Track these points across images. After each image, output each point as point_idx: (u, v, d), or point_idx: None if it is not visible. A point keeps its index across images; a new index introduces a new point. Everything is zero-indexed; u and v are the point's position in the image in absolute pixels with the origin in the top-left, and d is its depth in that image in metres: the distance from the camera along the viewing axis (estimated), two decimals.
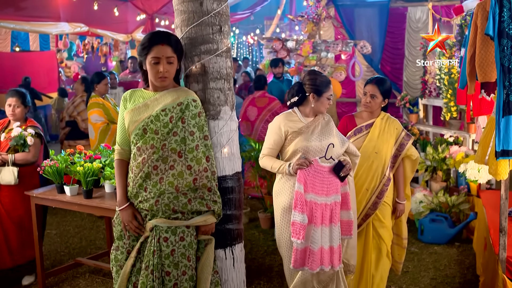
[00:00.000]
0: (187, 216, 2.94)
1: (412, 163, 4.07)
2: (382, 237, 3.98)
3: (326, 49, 7.41)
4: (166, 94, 2.95)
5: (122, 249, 3.03)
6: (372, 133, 3.92)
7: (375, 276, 4.02)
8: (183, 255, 2.94)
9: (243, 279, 3.23)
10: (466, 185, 5.95)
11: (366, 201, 3.91)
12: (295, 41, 7.57)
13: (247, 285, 4.60)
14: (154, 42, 2.85)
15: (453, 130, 6.57)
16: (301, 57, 7.49)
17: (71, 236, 6.09)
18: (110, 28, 12.01)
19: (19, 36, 13.34)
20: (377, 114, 4.02)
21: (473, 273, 4.86)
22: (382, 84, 3.94)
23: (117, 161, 3.10)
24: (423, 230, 5.73)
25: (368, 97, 3.93)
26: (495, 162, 3.90)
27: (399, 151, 3.96)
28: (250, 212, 6.63)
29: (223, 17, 3.03)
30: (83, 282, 4.83)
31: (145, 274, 2.91)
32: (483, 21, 3.90)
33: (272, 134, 3.47)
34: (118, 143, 3.12)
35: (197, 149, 2.91)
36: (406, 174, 4.09)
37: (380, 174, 3.90)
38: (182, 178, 2.90)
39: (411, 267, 5.06)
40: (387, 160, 3.91)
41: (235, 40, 20.73)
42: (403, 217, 4.14)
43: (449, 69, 6.31)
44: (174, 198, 2.90)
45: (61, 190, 4.42)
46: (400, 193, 4.04)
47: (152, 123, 2.91)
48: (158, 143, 2.90)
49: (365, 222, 3.95)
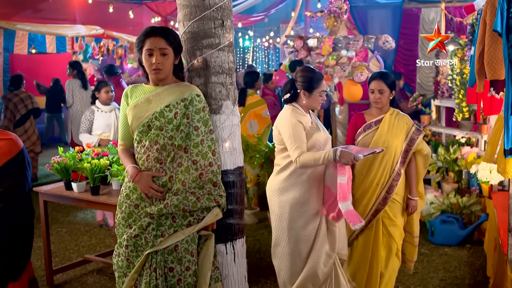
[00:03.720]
0: (197, 217, 2.92)
1: (423, 158, 4.02)
2: (392, 235, 3.96)
3: (346, 47, 6.97)
4: (168, 89, 2.95)
5: (122, 257, 2.98)
6: (381, 128, 3.92)
7: (384, 275, 4.00)
8: (187, 250, 2.93)
9: (244, 274, 3.22)
10: (478, 186, 5.87)
11: (376, 196, 3.90)
12: (316, 39, 7.24)
13: (254, 284, 4.63)
14: (148, 35, 2.88)
15: (465, 131, 6.49)
16: (321, 56, 7.19)
17: (81, 234, 6.13)
18: (126, 31, 12.10)
19: (36, 38, 13.49)
20: (386, 109, 4.01)
21: (483, 275, 4.79)
22: (387, 78, 3.94)
23: (122, 148, 3.11)
24: (434, 231, 5.66)
25: (377, 93, 3.93)
26: (504, 161, 3.84)
27: (410, 146, 3.94)
28: (260, 212, 6.61)
29: (225, 11, 3.03)
30: (91, 279, 4.85)
31: (148, 273, 2.90)
32: (492, 17, 3.86)
33: (297, 128, 3.45)
34: (121, 140, 3.11)
35: (202, 144, 2.91)
36: (418, 170, 4.05)
37: (390, 168, 3.89)
38: (189, 173, 2.90)
39: (420, 268, 5.00)
40: (397, 155, 3.91)
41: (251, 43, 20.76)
42: (415, 215, 4.09)
43: (461, 69, 6.24)
44: (184, 198, 2.88)
45: (68, 187, 4.47)
46: (412, 189, 4.01)
47: (157, 119, 2.90)
48: (162, 140, 2.89)
49: (375, 218, 3.93)
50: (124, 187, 3.04)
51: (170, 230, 2.90)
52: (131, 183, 2.97)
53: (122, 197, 3.02)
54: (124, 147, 3.10)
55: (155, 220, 2.88)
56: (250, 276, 3.40)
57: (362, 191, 3.91)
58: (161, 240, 2.89)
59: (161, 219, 2.88)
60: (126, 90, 3.05)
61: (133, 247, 2.93)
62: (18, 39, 13.09)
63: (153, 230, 2.89)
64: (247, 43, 20.00)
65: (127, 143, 3.09)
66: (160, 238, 2.90)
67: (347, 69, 6.86)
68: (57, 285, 4.72)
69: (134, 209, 2.96)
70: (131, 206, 2.97)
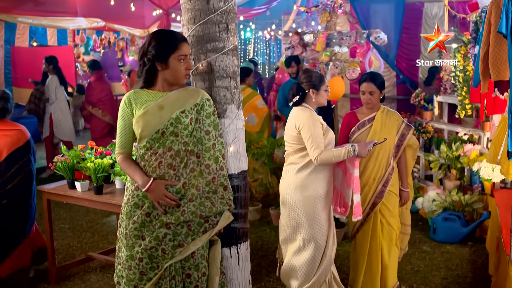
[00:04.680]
0: (211, 222, 2.90)
1: (413, 151, 4.28)
2: (392, 225, 4.16)
3: (339, 42, 6.96)
4: (179, 94, 2.89)
5: (134, 269, 2.87)
6: (375, 126, 4.10)
7: (388, 266, 4.17)
8: (203, 256, 2.94)
9: (249, 278, 3.23)
10: (480, 184, 5.88)
11: (373, 191, 4.10)
12: (312, 34, 7.22)
13: (257, 282, 4.65)
14: (179, 40, 2.84)
15: (468, 128, 6.48)
16: (316, 52, 7.19)
17: (84, 231, 6.15)
18: (127, 23, 12.04)
19: (37, 31, 13.44)
20: (377, 108, 4.18)
21: (485, 273, 4.80)
22: (376, 79, 4.11)
23: (123, 157, 2.97)
24: (436, 228, 5.67)
25: (368, 95, 4.10)
26: (507, 162, 3.85)
27: (401, 141, 4.15)
28: (262, 209, 6.62)
29: (230, 15, 3.02)
30: (94, 277, 4.87)
31: (167, 282, 2.87)
32: (497, 18, 3.84)
33: (317, 129, 3.69)
34: (121, 148, 2.96)
35: (213, 148, 2.91)
36: (408, 162, 4.28)
37: (385, 163, 4.09)
38: (202, 178, 2.88)
39: (422, 266, 5.02)
40: (391, 150, 4.11)
41: (252, 35, 20.67)
42: (408, 205, 4.37)
43: (464, 66, 6.22)
44: (200, 204, 2.86)
45: (72, 186, 4.47)
46: (403, 181, 4.26)
47: (172, 125, 2.83)
48: (177, 146, 2.85)
49: (372, 211, 4.11)
50: (131, 195, 2.93)
51: (188, 239, 2.86)
52: (139, 191, 2.89)
53: (130, 206, 2.91)
54: (125, 155, 2.97)
55: (171, 230, 2.84)
56: (252, 273, 3.40)
57: (360, 186, 4.01)
58: (180, 250, 2.85)
59: (177, 228, 2.84)
60: (129, 97, 2.90)
61: (148, 259, 2.85)
62: (19, 32, 13.05)
63: (170, 241, 2.85)
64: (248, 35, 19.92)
65: (127, 151, 2.98)
66: (178, 248, 2.85)
67: (339, 66, 6.82)
68: (61, 283, 4.74)
69: (145, 217, 2.88)
70: (142, 215, 2.87)
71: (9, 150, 4.42)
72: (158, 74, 2.89)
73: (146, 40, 2.91)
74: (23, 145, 4.54)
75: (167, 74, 2.86)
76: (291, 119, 3.85)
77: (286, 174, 3.87)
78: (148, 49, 2.84)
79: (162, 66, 2.85)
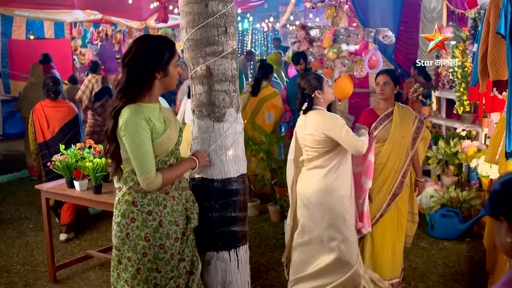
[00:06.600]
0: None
1: (425, 143, 4.47)
2: (402, 212, 4.37)
3: (346, 40, 6.71)
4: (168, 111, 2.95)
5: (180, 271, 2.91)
6: (395, 120, 4.28)
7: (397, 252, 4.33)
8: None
9: (248, 280, 3.24)
10: (478, 180, 5.89)
11: (394, 181, 4.28)
12: (318, 29, 7.06)
13: (256, 279, 4.66)
14: (174, 44, 2.82)
15: (466, 124, 6.48)
16: (323, 49, 6.98)
17: (82, 228, 6.15)
18: (124, 16, 11.98)
19: (34, 23, 13.35)
20: (392, 103, 4.36)
21: (482, 270, 4.82)
22: (393, 73, 4.37)
23: (159, 172, 2.74)
24: (434, 225, 5.69)
25: (382, 85, 4.29)
26: (505, 163, 3.87)
27: (417, 134, 4.34)
28: (260, 204, 6.63)
29: (228, 18, 3.01)
30: (93, 275, 4.88)
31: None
32: (496, 18, 3.84)
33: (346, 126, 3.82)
34: (151, 171, 2.67)
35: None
36: (419, 154, 4.49)
37: (405, 155, 4.29)
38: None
39: (420, 263, 5.04)
40: (409, 143, 4.30)
41: (250, 26, 20.56)
42: (415, 195, 4.55)
43: (462, 62, 6.21)
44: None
45: (71, 185, 4.48)
46: (418, 171, 4.49)
47: (180, 136, 2.93)
48: (180, 155, 2.95)
49: (393, 201, 4.30)
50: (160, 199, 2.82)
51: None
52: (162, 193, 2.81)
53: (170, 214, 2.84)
54: (158, 171, 2.75)
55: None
56: (251, 271, 3.41)
57: (383, 178, 4.27)
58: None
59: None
60: (147, 118, 2.66)
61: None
62: (16, 24, 12.98)
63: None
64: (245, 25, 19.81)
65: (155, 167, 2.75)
66: None
67: (347, 64, 6.72)
68: (60, 281, 4.75)
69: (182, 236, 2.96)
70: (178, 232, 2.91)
71: (61, 123, 5.80)
72: (154, 83, 2.75)
73: (136, 49, 2.72)
74: (72, 119, 5.90)
75: (166, 81, 2.78)
76: (311, 123, 3.81)
77: (312, 178, 3.85)
78: (146, 59, 2.70)
79: (161, 75, 2.74)
